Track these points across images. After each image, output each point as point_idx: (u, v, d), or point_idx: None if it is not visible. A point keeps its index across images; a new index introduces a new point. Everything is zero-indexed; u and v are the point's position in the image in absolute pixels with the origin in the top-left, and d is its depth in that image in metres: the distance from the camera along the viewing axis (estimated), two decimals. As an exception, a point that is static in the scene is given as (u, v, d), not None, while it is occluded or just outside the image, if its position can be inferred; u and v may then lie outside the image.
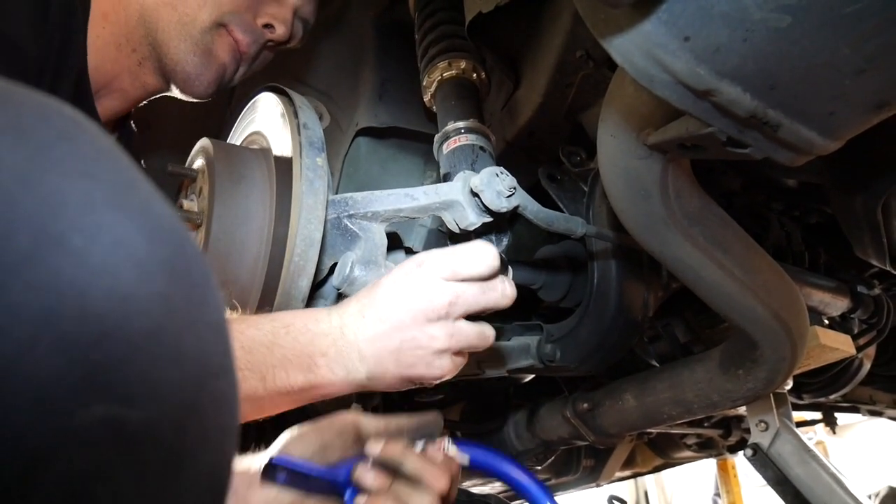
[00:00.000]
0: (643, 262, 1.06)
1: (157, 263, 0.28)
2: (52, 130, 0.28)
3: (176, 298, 0.28)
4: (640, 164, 0.70)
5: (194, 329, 0.29)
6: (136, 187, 0.30)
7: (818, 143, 0.54)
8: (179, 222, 0.31)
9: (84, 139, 0.29)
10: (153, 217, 0.29)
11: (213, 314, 0.31)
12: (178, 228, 0.31)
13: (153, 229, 0.28)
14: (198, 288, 0.30)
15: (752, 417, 1.24)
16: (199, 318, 0.30)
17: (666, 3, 0.47)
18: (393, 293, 0.72)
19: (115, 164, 0.29)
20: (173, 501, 0.28)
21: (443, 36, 1.08)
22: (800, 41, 0.46)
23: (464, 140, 0.97)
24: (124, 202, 0.28)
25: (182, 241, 0.30)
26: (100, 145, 0.30)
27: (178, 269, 0.29)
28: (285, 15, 1.07)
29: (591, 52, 0.96)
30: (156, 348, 0.27)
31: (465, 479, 1.95)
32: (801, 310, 0.89)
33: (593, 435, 1.35)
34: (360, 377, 0.72)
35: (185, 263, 0.30)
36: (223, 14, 1.01)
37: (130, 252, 0.27)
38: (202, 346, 0.30)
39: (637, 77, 0.52)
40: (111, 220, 0.27)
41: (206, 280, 0.31)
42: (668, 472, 4.55)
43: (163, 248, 0.28)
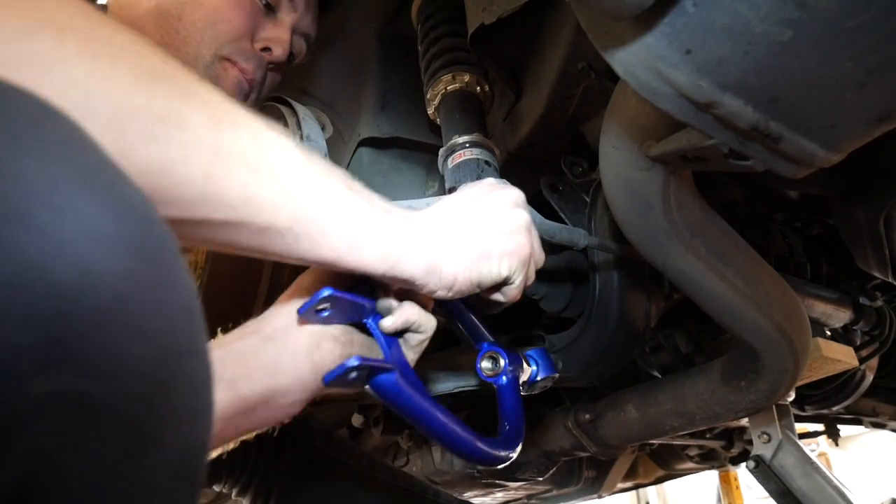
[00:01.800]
0: (645, 273, 1.06)
1: (123, 241, 0.28)
2: (22, 117, 0.28)
3: (141, 276, 0.28)
4: (642, 176, 0.70)
5: (160, 307, 0.29)
6: (104, 171, 0.30)
7: (820, 156, 0.54)
8: (149, 205, 0.31)
9: (53, 125, 0.29)
10: (120, 198, 0.29)
11: (180, 294, 0.31)
12: (147, 211, 0.31)
13: (120, 209, 0.29)
14: (165, 268, 0.30)
15: (755, 429, 1.24)
16: (166, 296, 0.30)
17: (668, 16, 0.47)
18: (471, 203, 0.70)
19: (84, 149, 0.30)
20: (142, 481, 0.28)
21: (446, 48, 1.08)
22: (801, 54, 0.46)
23: (469, 154, 0.98)
24: (91, 183, 0.28)
25: (150, 223, 0.30)
26: (69, 131, 0.30)
27: (144, 248, 0.29)
28: (281, 35, 1.07)
29: (592, 63, 0.97)
30: (119, 323, 0.27)
31: (467, 489, 1.94)
32: (804, 321, 0.89)
33: (595, 446, 1.34)
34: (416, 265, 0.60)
35: (151, 244, 0.30)
36: (222, 46, 1.00)
37: (95, 229, 0.27)
38: (168, 325, 0.29)
39: (639, 89, 0.52)
40: (77, 198, 0.27)
41: (174, 262, 0.31)
42: (671, 483, 4.54)
43: (129, 227, 0.29)
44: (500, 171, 1.00)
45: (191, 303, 0.32)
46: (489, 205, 0.70)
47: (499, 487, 1.94)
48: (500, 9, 0.93)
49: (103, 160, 0.31)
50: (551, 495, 2.18)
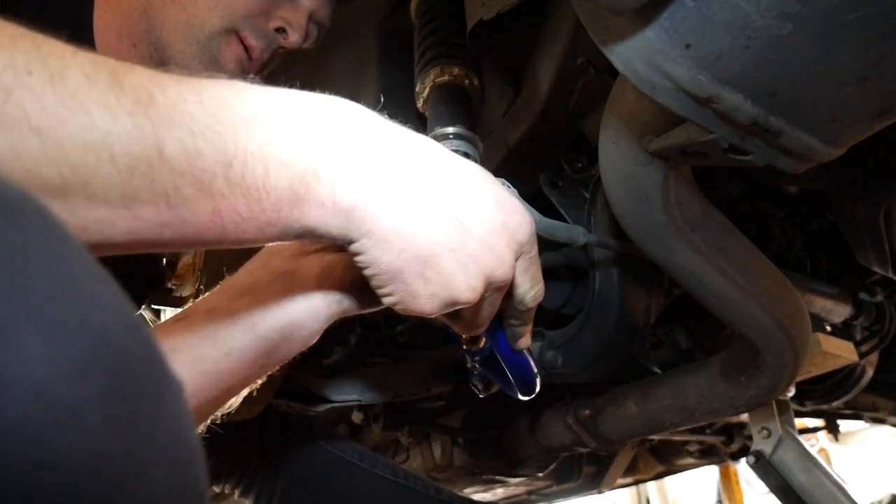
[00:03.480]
0: (645, 269, 1.06)
1: (90, 400, 0.23)
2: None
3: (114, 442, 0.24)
4: (642, 171, 0.70)
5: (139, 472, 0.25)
6: (72, 294, 0.25)
7: (820, 150, 0.54)
8: (126, 323, 0.26)
9: (9, 237, 0.24)
10: (88, 334, 0.24)
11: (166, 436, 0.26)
12: (123, 335, 0.26)
13: (86, 353, 0.24)
14: (144, 413, 0.26)
15: (755, 425, 1.24)
16: (146, 454, 0.25)
17: (667, 10, 0.47)
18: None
19: (47, 266, 0.25)
20: None
21: (438, 42, 1.08)
22: (801, 49, 0.46)
23: (448, 146, 0.97)
24: (51, 323, 0.23)
25: (126, 352, 0.26)
26: (30, 241, 0.25)
27: (119, 397, 0.24)
28: (300, 20, 1.01)
29: (592, 59, 0.97)
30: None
31: (468, 485, 1.94)
32: (804, 317, 0.89)
33: (595, 442, 1.35)
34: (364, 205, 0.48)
35: (128, 384, 0.25)
36: (236, 19, 0.94)
37: (54, 397, 0.22)
38: (150, 490, 0.25)
39: (638, 84, 0.52)
40: (31, 355, 0.22)
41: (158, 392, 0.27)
42: (671, 478, 4.54)
43: (98, 376, 0.24)
44: (499, 164, 1.00)
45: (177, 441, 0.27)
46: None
47: (499, 483, 1.94)
48: (498, 4, 0.92)
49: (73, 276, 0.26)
50: (551, 491, 2.18)
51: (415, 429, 1.78)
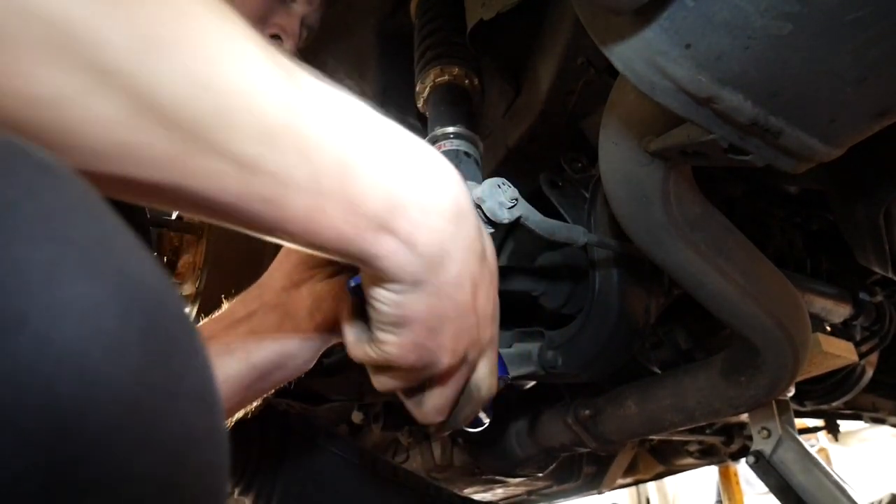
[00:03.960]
0: (645, 269, 1.06)
1: (131, 335, 0.25)
2: (16, 186, 0.25)
3: (152, 373, 0.26)
4: (642, 171, 0.70)
5: (174, 403, 0.27)
6: (110, 245, 0.27)
7: (820, 151, 0.54)
8: (159, 277, 0.28)
9: (52, 193, 0.26)
10: (128, 279, 0.26)
11: (195, 381, 0.28)
12: (157, 286, 0.28)
13: (127, 295, 0.26)
14: (178, 354, 0.28)
15: (755, 425, 1.24)
16: (179, 389, 0.27)
17: (667, 10, 0.47)
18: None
19: (87, 220, 0.27)
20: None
21: (438, 42, 1.08)
22: (801, 49, 0.46)
23: (448, 146, 0.97)
24: (94, 267, 0.25)
25: (161, 302, 0.28)
26: (70, 197, 0.27)
27: (156, 337, 0.26)
28: (293, 26, 1.03)
29: (592, 59, 0.97)
30: (129, 434, 0.25)
31: (467, 485, 1.94)
32: (804, 317, 0.89)
33: (595, 442, 1.35)
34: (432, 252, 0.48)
35: (163, 329, 0.27)
36: None
37: (99, 327, 0.24)
38: (183, 421, 0.27)
39: (638, 84, 0.52)
40: (78, 291, 0.24)
41: (188, 341, 0.29)
42: (670, 479, 4.54)
43: (137, 315, 0.26)
44: (500, 163, 1.00)
45: (206, 386, 0.29)
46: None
47: (499, 483, 1.94)
48: (499, 4, 0.92)
49: (109, 230, 0.28)
50: (551, 491, 2.18)
51: (414, 429, 1.78)
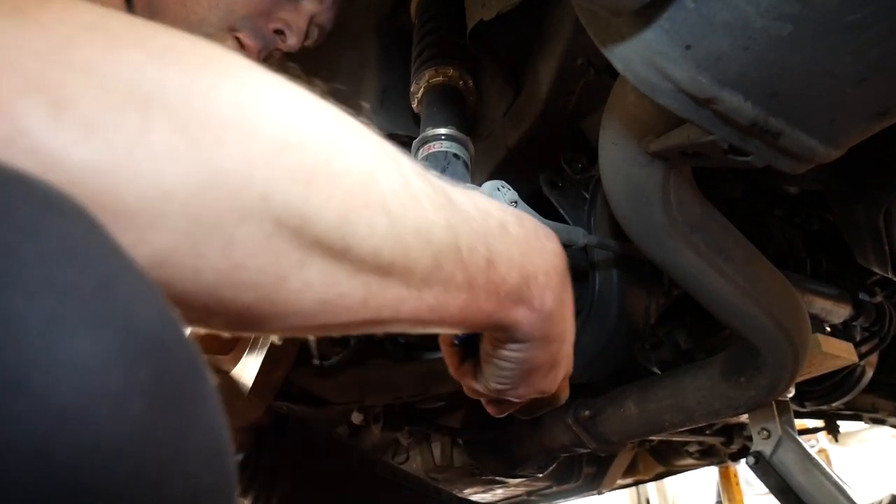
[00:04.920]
0: (645, 270, 1.06)
1: (136, 392, 0.24)
2: (15, 227, 0.24)
3: (158, 430, 0.24)
4: (642, 172, 0.70)
5: (180, 461, 0.26)
6: (114, 290, 0.26)
7: (820, 151, 0.54)
8: (166, 319, 0.27)
9: (52, 234, 0.25)
10: (132, 329, 0.25)
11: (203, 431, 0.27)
12: (164, 331, 0.27)
13: (132, 346, 0.25)
14: (186, 405, 0.26)
15: (754, 425, 1.24)
16: (187, 444, 0.26)
17: (667, 11, 0.47)
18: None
19: (90, 263, 0.25)
20: None
21: (435, 43, 1.08)
22: (801, 49, 0.46)
23: (438, 147, 0.97)
24: (96, 318, 0.24)
25: (168, 349, 0.26)
26: (73, 238, 0.26)
27: (162, 391, 0.25)
28: (300, 23, 1.00)
29: (592, 59, 0.97)
30: (134, 499, 0.23)
31: (467, 485, 1.94)
32: (803, 317, 0.89)
33: (595, 442, 1.34)
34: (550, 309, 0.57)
35: (170, 380, 0.26)
36: (235, 19, 0.93)
37: (102, 384, 0.23)
38: (189, 479, 0.26)
39: (638, 85, 0.52)
40: (79, 347, 0.23)
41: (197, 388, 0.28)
42: (670, 479, 4.54)
43: (143, 368, 0.25)
44: (477, 163, 0.99)
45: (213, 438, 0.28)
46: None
47: (499, 484, 1.94)
48: (499, 4, 0.92)
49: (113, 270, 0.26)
50: (551, 492, 2.18)
51: (414, 429, 1.78)
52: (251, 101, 0.36)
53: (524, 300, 0.53)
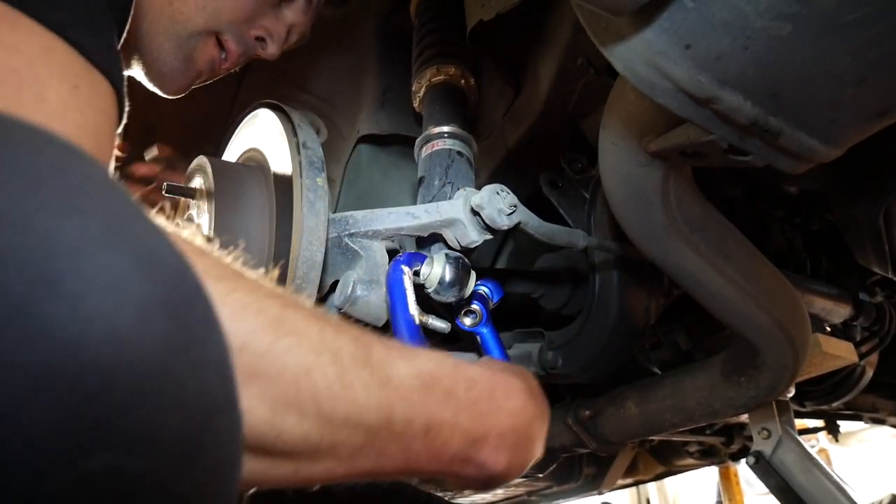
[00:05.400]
0: (644, 270, 1.06)
1: (157, 303, 0.27)
2: (43, 165, 0.27)
3: (177, 338, 0.27)
4: (642, 172, 0.70)
5: (197, 369, 0.28)
6: (132, 222, 0.29)
7: (819, 151, 0.54)
8: (179, 255, 0.30)
9: (76, 172, 0.28)
10: (151, 253, 0.28)
11: (215, 350, 0.30)
12: (178, 262, 0.30)
13: (151, 266, 0.27)
14: (200, 324, 0.29)
15: (755, 425, 1.24)
16: (202, 356, 0.29)
17: (667, 11, 0.47)
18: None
19: (110, 198, 0.28)
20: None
21: (436, 42, 1.08)
22: (801, 49, 0.46)
23: (441, 145, 0.97)
24: (120, 239, 0.27)
25: (182, 276, 0.29)
26: (93, 178, 0.29)
27: (179, 307, 0.28)
28: (280, 31, 1.02)
29: (592, 59, 0.97)
30: (157, 394, 0.26)
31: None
32: (803, 317, 0.89)
33: (595, 442, 1.34)
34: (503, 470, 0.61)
35: (185, 299, 0.29)
36: (220, 23, 0.95)
37: (128, 293, 0.26)
38: (205, 386, 0.29)
39: (638, 85, 0.52)
40: (106, 260, 0.26)
41: (208, 314, 0.31)
42: (671, 479, 4.54)
43: (162, 285, 0.27)
44: (478, 162, 1.00)
45: (223, 354, 0.31)
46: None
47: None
48: (499, 5, 0.92)
49: (130, 209, 0.29)
50: (551, 492, 2.18)
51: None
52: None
53: (472, 461, 0.56)
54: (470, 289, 0.85)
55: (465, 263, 0.85)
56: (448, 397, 0.54)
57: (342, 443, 0.46)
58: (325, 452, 0.46)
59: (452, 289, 0.83)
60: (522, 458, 0.62)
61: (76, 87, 0.53)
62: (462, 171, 0.95)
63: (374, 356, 0.49)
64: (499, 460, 0.58)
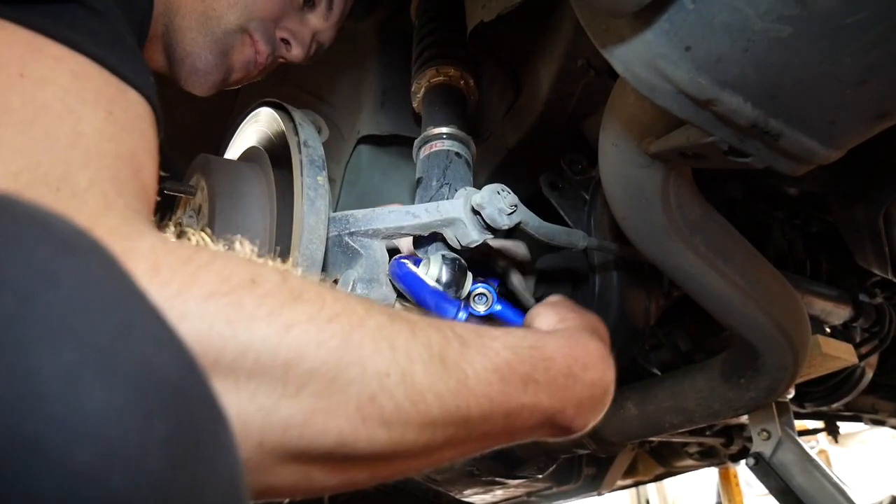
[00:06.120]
0: (644, 271, 1.06)
1: (154, 444, 0.24)
2: (33, 272, 0.24)
3: (176, 482, 0.25)
4: (642, 173, 0.70)
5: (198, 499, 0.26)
6: (132, 335, 0.26)
7: (819, 153, 0.54)
8: (182, 361, 0.28)
9: (71, 277, 0.25)
10: (150, 377, 0.25)
11: (220, 475, 0.27)
12: (180, 375, 0.27)
13: (149, 397, 0.25)
14: (203, 453, 0.27)
15: (754, 426, 1.24)
16: (205, 493, 0.26)
17: (667, 13, 0.47)
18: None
19: (109, 307, 0.26)
20: None
21: (436, 43, 1.08)
22: (801, 51, 0.46)
23: (440, 146, 0.97)
24: (114, 368, 0.24)
25: (186, 396, 0.27)
26: (91, 280, 0.26)
27: (180, 441, 0.25)
28: (304, 35, 1.04)
29: (592, 60, 0.97)
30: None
31: (467, 486, 1.94)
32: (803, 318, 0.89)
33: (595, 443, 1.34)
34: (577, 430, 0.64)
35: (187, 427, 0.26)
36: (251, 19, 0.97)
37: (120, 441, 0.23)
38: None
39: (638, 87, 0.52)
40: (97, 402, 0.23)
41: (215, 433, 0.28)
42: (670, 480, 4.54)
43: (160, 419, 0.25)
44: (477, 163, 1.00)
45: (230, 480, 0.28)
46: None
47: (499, 485, 1.94)
48: (499, 6, 0.93)
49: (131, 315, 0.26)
50: (551, 493, 2.17)
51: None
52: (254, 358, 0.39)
53: (549, 430, 0.60)
54: (467, 289, 0.86)
55: (462, 265, 0.85)
56: (527, 384, 0.55)
57: (420, 446, 0.47)
58: (401, 455, 0.46)
59: (449, 290, 0.83)
60: (597, 416, 0.65)
61: (110, 113, 0.51)
62: (460, 172, 0.95)
63: (450, 358, 0.49)
64: (575, 424, 0.61)
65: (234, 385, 0.38)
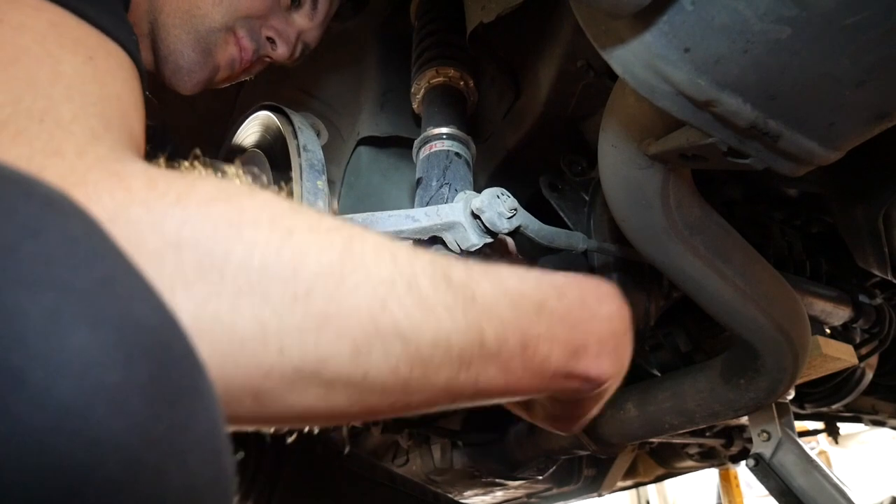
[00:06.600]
0: (644, 272, 1.06)
1: (135, 387, 0.24)
2: (17, 226, 0.24)
3: (157, 426, 0.25)
4: (641, 174, 0.70)
5: (179, 455, 0.26)
6: (113, 286, 0.26)
7: (819, 154, 0.54)
8: (164, 315, 0.28)
9: (53, 232, 0.25)
10: (131, 324, 0.26)
11: (202, 426, 0.28)
12: (162, 327, 0.27)
13: (130, 341, 0.25)
14: (183, 400, 0.27)
15: (754, 427, 1.24)
16: (185, 439, 0.26)
17: (666, 14, 0.47)
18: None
19: (90, 260, 0.26)
20: None
21: (435, 44, 1.08)
22: (800, 52, 0.46)
23: (439, 146, 0.97)
24: (96, 313, 0.25)
25: (166, 344, 0.27)
26: (73, 236, 0.26)
27: (160, 386, 0.26)
28: (289, 35, 1.04)
29: (591, 61, 0.97)
30: (133, 494, 0.24)
31: (467, 488, 1.94)
32: (803, 319, 0.89)
33: (595, 444, 1.34)
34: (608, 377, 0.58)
35: (168, 374, 0.26)
36: (236, 17, 0.96)
37: (101, 381, 0.23)
38: (188, 474, 0.26)
39: (638, 88, 0.52)
40: (79, 342, 0.24)
41: (194, 382, 0.28)
42: (671, 481, 4.54)
43: (141, 363, 0.25)
44: (476, 164, 1.00)
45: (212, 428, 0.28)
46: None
47: (499, 486, 1.94)
48: (499, 7, 0.93)
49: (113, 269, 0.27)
50: (551, 494, 2.18)
51: (414, 431, 1.78)
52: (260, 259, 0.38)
53: (575, 374, 0.54)
54: None
55: None
56: (540, 311, 0.51)
57: (435, 371, 0.44)
58: (418, 382, 0.44)
59: None
60: (623, 362, 0.59)
61: (91, 58, 0.51)
62: (460, 172, 0.95)
63: (455, 277, 0.46)
64: (602, 368, 0.55)
65: (246, 286, 0.37)
